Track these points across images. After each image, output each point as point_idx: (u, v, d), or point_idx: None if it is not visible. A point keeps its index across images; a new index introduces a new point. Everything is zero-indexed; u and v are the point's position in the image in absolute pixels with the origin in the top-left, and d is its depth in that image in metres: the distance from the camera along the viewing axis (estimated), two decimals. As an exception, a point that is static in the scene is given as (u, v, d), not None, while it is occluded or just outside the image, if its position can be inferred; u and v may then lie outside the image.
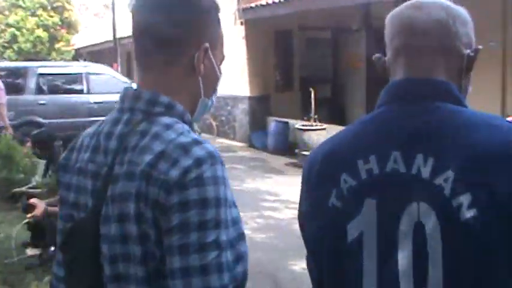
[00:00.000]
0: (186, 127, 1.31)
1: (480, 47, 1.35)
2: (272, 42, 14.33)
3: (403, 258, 1.17)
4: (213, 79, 1.42)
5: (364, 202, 1.24)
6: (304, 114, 12.83)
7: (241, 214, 1.33)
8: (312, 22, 13.70)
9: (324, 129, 11.75)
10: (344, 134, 1.37)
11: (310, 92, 12.30)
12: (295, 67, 14.98)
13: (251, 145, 13.89)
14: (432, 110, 1.25)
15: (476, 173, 1.15)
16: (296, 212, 1.44)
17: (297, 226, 1.45)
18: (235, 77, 13.71)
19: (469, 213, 1.12)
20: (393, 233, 1.19)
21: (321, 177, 1.33)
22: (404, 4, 1.37)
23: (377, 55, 1.41)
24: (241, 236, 1.28)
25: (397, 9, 1.38)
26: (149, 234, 1.22)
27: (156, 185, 1.21)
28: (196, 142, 1.25)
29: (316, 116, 12.23)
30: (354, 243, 1.23)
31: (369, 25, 11.54)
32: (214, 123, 15.09)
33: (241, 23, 14.00)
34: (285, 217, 7.71)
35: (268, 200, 8.85)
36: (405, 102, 1.28)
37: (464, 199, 1.13)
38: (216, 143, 13.81)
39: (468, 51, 1.33)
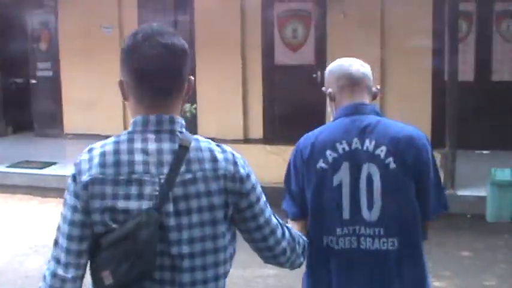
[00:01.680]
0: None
1: (378, 87, 2.60)
2: None
3: (362, 190, 2.34)
4: None
5: (342, 164, 2.36)
6: None
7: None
8: None
9: None
10: (321, 131, 2.47)
11: None
12: None
13: None
14: (367, 119, 2.43)
15: (394, 147, 2.35)
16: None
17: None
18: None
19: (392, 166, 2.33)
20: (357, 179, 2.35)
21: (312, 153, 2.40)
22: (341, 60, 2.55)
23: (324, 90, 2.57)
24: None
25: (336, 63, 2.55)
26: (221, 217, 1.86)
27: (232, 179, 1.86)
28: (228, 148, 1.94)
29: None
30: (337, 185, 2.35)
31: None
32: None
33: None
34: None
35: None
36: (352, 115, 2.45)
37: (391, 160, 2.33)
38: None
39: (374, 88, 2.55)
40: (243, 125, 9.94)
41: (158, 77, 1.84)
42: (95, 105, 11.24)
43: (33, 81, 11.99)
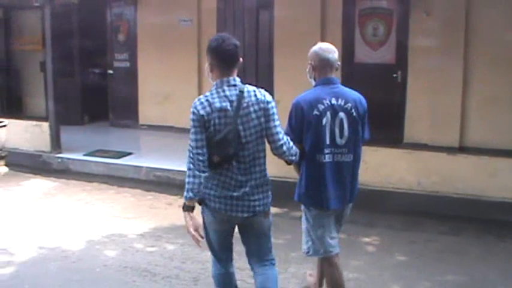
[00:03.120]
0: None
1: (339, 63, 4.31)
2: None
3: (337, 127, 4.11)
4: None
5: (327, 113, 4.07)
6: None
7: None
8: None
9: (4, 126, 9.88)
10: (312, 92, 4.15)
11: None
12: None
13: None
14: (338, 87, 4.19)
15: (354, 104, 4.16)
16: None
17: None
18: None
19: (354, 114, 4.14)
20: (334, 121, 4.09)
21: (309, 107, 4.05)
22: (323, 46, 4.24)
23: (309, 62, 4.26)
24: None
25: (321, 48, 4.22)
26: (263, 120, 3.71)
27: (263, 103, 3.70)
28: (262, 90, 3.79)
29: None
30: (324, 125, 4.07)
31: (51, 1, 10.01)
32: None
33: None
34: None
35: None
36: (327, 84, 4.17)
37: (353, 111, 4.14)
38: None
39: (337, 66, 4.25)
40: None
41: (230, 60, 3.68)
42: (170, 97, 11.31)
43: (111, 71, 12.19)
